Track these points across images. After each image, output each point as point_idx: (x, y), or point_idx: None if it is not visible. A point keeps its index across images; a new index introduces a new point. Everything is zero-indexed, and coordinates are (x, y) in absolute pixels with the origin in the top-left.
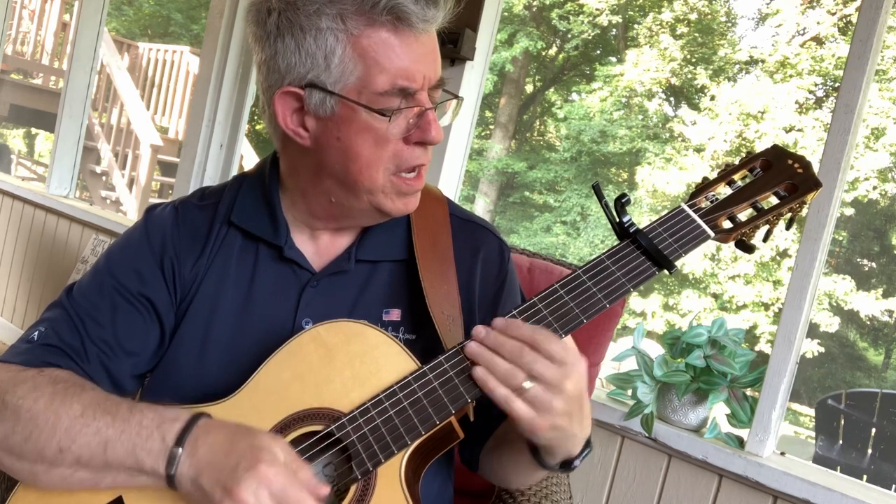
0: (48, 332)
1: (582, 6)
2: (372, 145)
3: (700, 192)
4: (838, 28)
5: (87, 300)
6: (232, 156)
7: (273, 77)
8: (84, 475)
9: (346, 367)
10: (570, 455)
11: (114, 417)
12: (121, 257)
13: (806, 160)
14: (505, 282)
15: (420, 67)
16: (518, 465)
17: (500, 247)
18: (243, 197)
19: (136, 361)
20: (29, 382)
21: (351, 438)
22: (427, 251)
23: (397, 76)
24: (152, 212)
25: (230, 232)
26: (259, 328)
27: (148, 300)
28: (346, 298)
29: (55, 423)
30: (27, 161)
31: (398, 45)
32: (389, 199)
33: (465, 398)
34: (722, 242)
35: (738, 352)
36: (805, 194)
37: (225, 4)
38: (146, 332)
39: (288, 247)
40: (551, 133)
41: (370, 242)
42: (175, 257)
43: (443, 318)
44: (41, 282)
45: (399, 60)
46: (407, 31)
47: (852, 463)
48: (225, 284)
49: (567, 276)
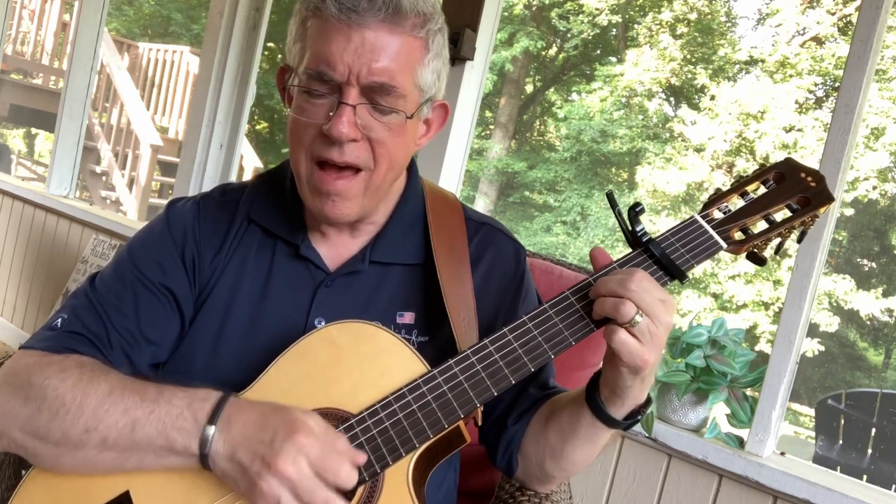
0: (72, 319)
1: (582, 6)
2: (300, 125)
3: (713, 203)
4: (838, 28)
5: (109, 290)
6: (232, 156)
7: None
8: (109, 456)
9: (356, 368)
10: (638, 402)
11: (142, 397)
12: (143, 249)
13: (819, 174)
14: (522, 284)
15: (344, 58)
16: (578, 432)
17: (516, 249)
18: (264, 195)
19: (155, 351)
20: (56, 365)
21: (359, 440)
22: (444, 254)
23: (319, 60)
24: (174, 205)
25: (250, 228)
26: (272, 324)
27: (169, 291)
28: (359, 299)
29: (83, 401)
30: (27, 161)
31: (326, 30)
32: (311, 194)
33: (475, 402)
34: (734, 254)
35: (738, 352)
36: (818, 208)
37: (225, 4)
38: (167, 323)
39: (304, 245)
40: (551, 133)
41: (385, 244)
42: (196, 250)
43: (459, 321)
44: (41, 282)
45: (322, 45)
46: (332, 19)
47: (852, 463)
48: (242, 279)
49: (579, 283)
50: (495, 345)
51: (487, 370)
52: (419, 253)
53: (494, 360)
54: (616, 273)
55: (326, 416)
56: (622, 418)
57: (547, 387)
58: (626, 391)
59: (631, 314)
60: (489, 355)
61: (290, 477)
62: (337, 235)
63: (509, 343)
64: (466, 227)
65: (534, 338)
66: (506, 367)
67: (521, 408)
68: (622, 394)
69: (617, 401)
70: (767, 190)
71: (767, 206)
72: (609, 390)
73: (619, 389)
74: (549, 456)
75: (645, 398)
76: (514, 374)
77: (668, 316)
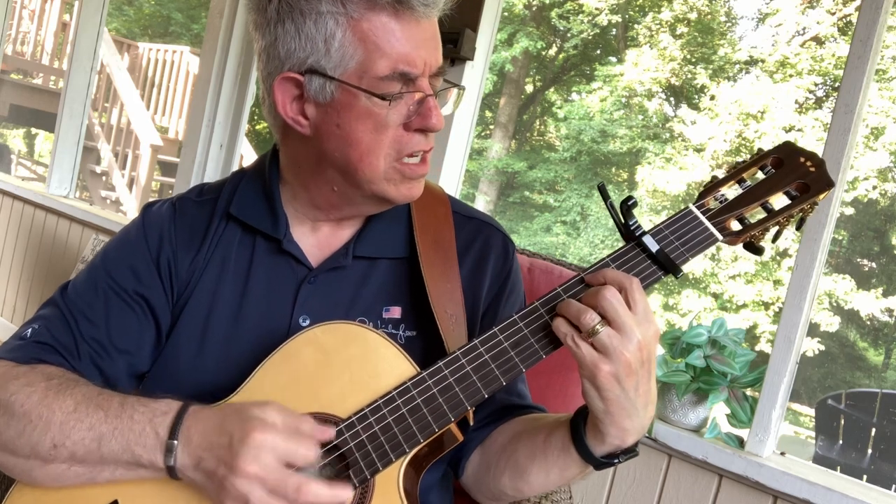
0: (41, 329)
1: (582, 6)
2: (372, 131)
3: (709, 191)
4: (838, 28)
5: (81, 298)
6: (232, 156)
7: (273, 64)
8: (80, 470)
9: (344, 371)
10: (622, 443)
11: (106, 413)
12: (117, 255)
13: (819, 158)
14: (508, 279)
15: (421, 53)
16: (549, 453)
17: (505, 242)
18: (242, 190)
19: (130, 360)
20: (22, 378)
21: (349, 446)
22: (429, 249)
23: (398, 61)
24: (149, 209)
25: (229, 226)
26: (256, 324)
27: (143, 298)
28: (345, 295)
29: (49, 418)
30: (27, 161)
31: (399, 29)
32: (392, 185)
33: (465, 405)
34: (730, 245)
35: (738, 352)
36: (817, 194)
37: (225, 4)
38: (141, 331)
39: (286, 240)
40: (551, 133)
41: (369, 238)
42: (172, 255)
43: (445, 317)
44: (41, 282)
45: (400, 45)
46: (408, 14)
47: (852, 463)
48: (223, 279)
49: (569, 279)
50: (485, 345)
51: (478, 372)
52: (404, 247)
53: (485, 360)
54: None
55: (316, 421)
56: (599, 455)
57: (514, 392)
58: (602, 420)
59: (591, 324)
60: (479, 356)
61: (255, 474)
62: (322, 226)
63: (500, 343)
64: (454, 221)
65: (525, 337)
66: (497, 368)
67: (485, 413)
68: (601, 422)
69: (597, 432)
70: (766, 176)
71: (765, 193)
72: (591, 419)
73: (595, 416)
74: (510, 472)
75: (633, 439)
76: (505, 374)
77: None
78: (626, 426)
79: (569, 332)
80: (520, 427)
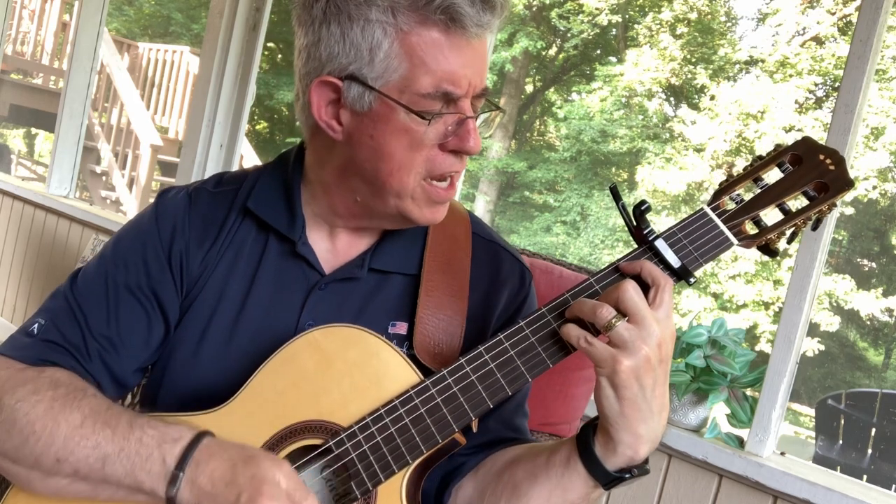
0: (49, 325)
1: (582, 6)
2: (406, 147)
3: (724, 191)
4: (838, 28)
5: (90, 292)
6: (232, 156)
7: (312, 64)
8: (81, 487)
9: (345, 377)
10: (635, 454)
11: (114, 432)
12: (128, 246)
13: (839, 155)
14: (523, 307)
15: (467, 73)
16: (551, 471)
17: (522, 271)
18: (263, 184)
19: (138, 356)
20: (29, 385)
21: (350, 456)
22: (436, 272)
23: (443, 79)
24: (165, 196)
25: (245, 222)
26: (258, 326)
27: (153, 293)
28: (353, 306)
29: (54, 430)
30: (27, 161)
31: (448, 46)
32: (417, 206)
33: (469, 416)
34: (746, 248)
35: (738, 352)
36: (836, 195)
37: (225, 4)
38: (149, 327)
39: (301, 242)
40: (551, 133)
41: (386, 252)
42: (185, 248)
43: (424, 341)
44: (41, 282)
45: (447, 63)
46: (459, 33)
47: (852, 463)
48: (232, 277)
49: (578, 284)
50: (491, 352)
51: (484, 381)
52: (418, 264)
53: (490, 369)
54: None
55: (315, 429)
56: (611, 469)
57: (512, 426)
58: (615, 424)
59: (607, 317)
60: (484, 364)
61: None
62: (340, 233)
63: (506, 351)
64: (473, 243)
65: (532, 346)
66: (503, 377)
67: (478, 441)
68: (613, 427)
69: (608, 440)
70: (783, 175)
71: (782, 193)
72: (601, 426)
73: (608, 420)
74: (507, 496)
75: (646, 450)
76: (511, 384)
77: (655, 323)
78: (640, 431)
79: (581, 335)
80: (519, 451)
